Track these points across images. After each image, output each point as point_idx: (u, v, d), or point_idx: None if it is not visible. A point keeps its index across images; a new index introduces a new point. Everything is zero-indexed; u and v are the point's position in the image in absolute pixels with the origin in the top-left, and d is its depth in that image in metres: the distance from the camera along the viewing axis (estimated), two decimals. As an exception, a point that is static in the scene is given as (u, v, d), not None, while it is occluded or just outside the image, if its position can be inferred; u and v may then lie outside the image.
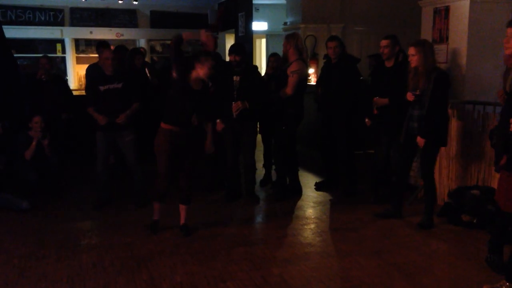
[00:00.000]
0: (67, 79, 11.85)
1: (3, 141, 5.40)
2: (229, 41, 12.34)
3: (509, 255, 3.49)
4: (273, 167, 6.22)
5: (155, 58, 13.70)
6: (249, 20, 10.03)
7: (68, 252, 4.16)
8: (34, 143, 5.54)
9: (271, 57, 6.33)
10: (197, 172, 4.75)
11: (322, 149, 6.06)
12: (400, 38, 5.18)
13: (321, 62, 6.46)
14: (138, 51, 7.26)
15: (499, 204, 3.63)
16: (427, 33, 5.78)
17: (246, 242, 4.44)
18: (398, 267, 3.88)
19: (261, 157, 6.44)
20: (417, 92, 4.53)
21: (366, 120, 5.38)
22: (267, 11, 12.49)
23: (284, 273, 3.78)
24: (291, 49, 5.45)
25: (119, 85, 5.19)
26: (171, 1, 13.19)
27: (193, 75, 4.32)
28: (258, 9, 12.11)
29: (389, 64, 5.18)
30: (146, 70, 7.10)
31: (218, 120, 5.31)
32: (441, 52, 5.54)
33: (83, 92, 7.52)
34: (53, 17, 12.64)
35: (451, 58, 5.51)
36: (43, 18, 12.56)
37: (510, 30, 3.47)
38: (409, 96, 4.60)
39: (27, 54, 12.28)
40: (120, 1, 12.44)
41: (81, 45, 13.20)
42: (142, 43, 13.30)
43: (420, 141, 4.58)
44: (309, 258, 4.08)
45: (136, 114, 5.31)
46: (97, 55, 6.97)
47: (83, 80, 8.53)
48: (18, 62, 8.03)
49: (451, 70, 5.41)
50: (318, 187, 6.12)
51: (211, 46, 5.25)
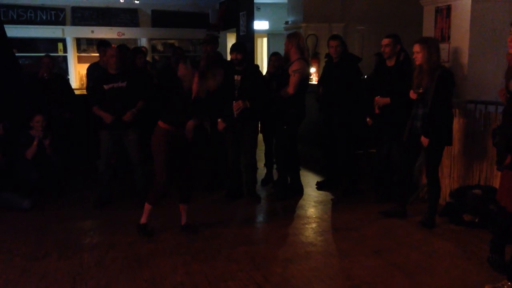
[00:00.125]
0: (68, 78, 11.89)
1: (4, 141, 5.40)
2: (230, 40, 12.34)
3: (510, 254, 3.48)
4: (274, 166, 6.23)
5: (156, 57, 13.70)
6: (250, 19, 10.01)
7: (69, 251, 4.16)
8: (35, 142, 5.54)
9: (272, 56, 6.30)
10: (196, 171, 4.74)
11: (323, 148, 6.06)
12: (401, 37, 5.17)
13: (323, 61, 6.45)
14: (140, 50, 7.26)
15: (501, 204, 3.62)
16: (428, 32, 5.76)
17: (247, 241, 4.44)
18: (399, 266, 3.87)
19: (262, 156, 6.44)
20: (420, 90, 4.51)
21: (368, 119, 5.38)
22: (268, 10, 12.50)
23: (286, 272, 3.78)
24: (292, 48, 5.44)
25: (123, 84, 5.19)
26: (172, 0, 13.20)
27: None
28: (259, 8, 12.12)
29: (390, 63, 5.17)
30: (148, 68, 7.09)
31: (219, 120, 5.31)
32: (443, 51, 5.51)
33: (85, 92, 7.56)
34: (55, 16, 12.66)
35: (453, 57, 5.50)
36: (44, 17, 12.57)
37: None
38: (412, 94, 4.58)
39: (29, 53, 12.30)
40: (121, 0, 12.44)
41: (82, 44, 13.21)
42: (143, 42, 13.31)
43: (424, 140, 4.56)
44: (310, 258, 4.08)
45: (139, 113, 5.31)
46: (98, 55, 7.03)
47: (85, 79, 8.52)
48: (20, 62, 8.03)
49: (452, 69, 5.39)
50: (320, 186, 6.12)
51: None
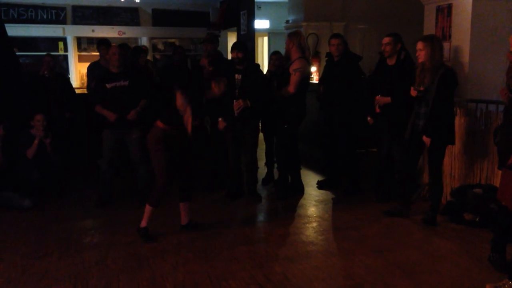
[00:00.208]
0: (69, 77, 11.88)
1: (4, 141, 5.39)
2: (231, 39, 12.32)
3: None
4: (275, 165, 6.22)
5: (157, 56, 13.70)
6: (251, 18, 10.00)
7: (70, 251, 4.17)
8: (36, 141, 5.54)
9: (273, 55, 6.29)
10: (196, 171, 4.72)
11: (324, 147, 6.06)
12: (402, 36, 5.16)
13: (323, 60, 6.45)
14: (141, 50, 7.25)
15: (503, 203, 3.62)
16: (429, 31, 5.75)
17: (248, 240, 4.44)
18: (400, 265, 3.87)
19: (263, 155, 6.43)
20: (421, 88, 4.50)
21: (368, 118, 5.37)
22: (269, 9, 12.47)
23: (287, 271, 3.78)
24: (293, 47, 5.44)
25: (126, 83, 5.18)
26: (173, -1, 13.20)
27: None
28: (260, 7, 12.10)
29: (391, 62, 5.16)
30: (149, 66, 7.08)
31: (220, 119, 5.30)
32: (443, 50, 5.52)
33: (85, 91, 7.55)
34: (55, 15, 12.64)
35: (454, 56, 5.49)
36: (45, 16, 12.56)
37: None
38: (412, 91, 4.58)
39: (29, 52, 12.29)
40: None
41: (83, 43, 13.20)
42: (144, 41, 13.30)
43: (426, 140, 4.56)
44: (311, 257, 4.08)
45: (142, 112, 5.30)
46: (99, 54, 7.02)
47: (85, 78, 8.52)
48: (21, 61, 8.02)
49: (453, 68, 5.39)
50: (320, 185, 6.11)
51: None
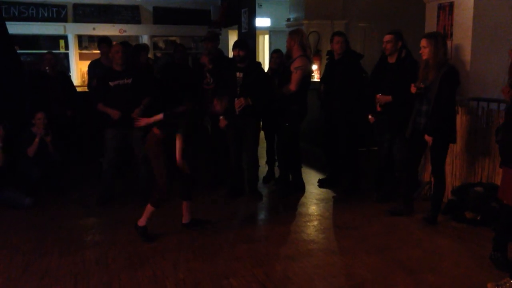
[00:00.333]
0: (70, 75, 11.87)
1: (5, 140, 5.37)
2: (232, 37, 12.32)
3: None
4: (276, 163, 6.22)
5: (158, 54, 13.68)
6: (252, 16, 9.99)
7: (71, 249, 4.17)
8: (36, 139, 5.53)
9: (274, 53, 6.31)
10: (197, 169, 4.71)
11: (325, 146, 6.05)
12: (403, 34, 5.15)
13: (324, 58, 6.44)
14: (143, 48, 7.23)
15: (504, 202, 3.61)
16: (431, 29, 5.73)
17: (249, 239, 4.44)
18: (401, 264, 3.87)
19: (264, 153, 6.43)
20: (421, 86, 4.49)
21: (370, 117, 5.36)
22: (270, 7, 12.46)
23: (287, 270, 3.78)
24: (295, 45, 5.43)
25: (129, 81, 5.18)
26: (173, -3, 13.18)
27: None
28: (261, 5, 12.08)
29: (391, 60, 5.16)
30: (150, 63, 7.07)
31: (221, 117, 5.30)
32: (445, 49, 5.51)
33: (86, 89, 7.54)
34: (56, 13, 12.63)
35: (455, 55, 5.48)
36: (46, 14, 12.55)
37: None
38: (412, 88, 4.57)
39: (30, 50, 12.29)
40: (122, -3, 12.44)
41: (84, 42, 13.18)
42: (145, 39, 13.27)
43: (428, 139, 4.55)
44: (312, 255, 4.08)
45: (146, 110, 5.28)
46: (100, 52, 7.01)
47: (86, 76, 8.51)
48: (22, 59, 8.01)
49: (456, 67, 5.38)
50: (321, 184, 6.11)
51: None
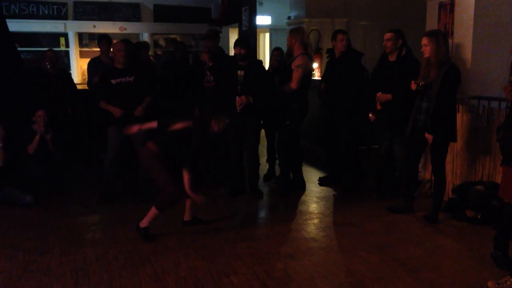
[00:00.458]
0: (70, 73, 11.87)
1: (6, 139, 5.37)
2: (233, 35, 12.31)
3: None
4: (277, 162, 6.22)
5: (158, 52, 13.68)
6: (252, 14, 10.01)
7: (72, 247, 4.17)
8: (37, 137, 5.53)
9: (274, 51, 6.32)
10: (200, 166, 4.68)
11: (326, 144, 6.05)
12: (404, 33, 5.15)
13: (325, 56, 6.43)
14: (144, 45, 7.23)
15: (505, 200, 3.61)
16: (432, 27, 5.72)
17: (249, 237, 4.44)
18: (402, 262, 3.88)
19: (265, 152, 6.43)
20: (422, 83, 4.49)
21: (370, 115, 5.36)
22: (270, 5, 12.43)
23: (288, 268, 3.78)
24: (296, 43, 5.42)
25: (131, 79, 5.17)
26: (174, -5, 13.18)
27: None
28: (262, 3, 12.05)
29: (391, 58, 5.15)
30: (152, 59, 7.07)
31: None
32: (446, 47, 5.51)
33: (86, 87, 7.53)
34: (57, 10, 12.64)
35: (456, 53, 5.47)
36: (46, 12, 12.55)
37: None
38: (413, 85, 4.56)
39: (31, 48, 12.29)
40: (123, -5, 12.44)
41: (84, 39, 13.19)
42: (145, 37, 13.28)
43: (428, 137, 4.55)
44: (312, 253, 4.08)
45: (147, 108, 5.28)
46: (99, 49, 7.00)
47: (86, 74, 8.52)
48: (22, 56, 8.01)
49: (457, 65, 5.38)
50: (322, 182, 6.11)
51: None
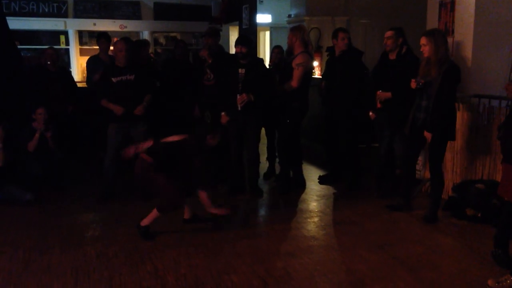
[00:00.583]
0: (70, 71, 11.87)
1: (6, 140, 5.36)
2: (233, 33, 12.30)
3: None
4: (277, 160, 6.22)
5: (158, 50, 13.67)
6: (253, 12, 9.99)
7: (72, 245, 4.17)
8: (37, 135, 5.53)
9: (275, 49, 6.33)
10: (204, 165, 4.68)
11: (326, 142, 6.05)
12: (405, 31, 5.14)
13: (325, 55, 6.42)
14: (144, 43, 7.21)
15: (505, 199, 3.62)
16: (432, 26, 5.72)
17: (249, 235, 4.45)
18: (402, 261, 3.88)
19: (265, 150, 6.43)
20: (422, 81, 4.49)
21: (370, 113, 5.36)
22: (271, 4, 12.43)
23: (288, 266, 3.79)
24: (297, 41, 5.42)
25: (132, 77, 5.17)
26: (174, -7, 13.16)
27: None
28: (262, 1, 12.05)
29: (392, 56, 5.15)
30: (153, 56, 7.06)
31: (223, 113, 5.30)
32: (446, 46, 5.50)
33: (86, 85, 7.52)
34: (57, 8, 12.62)
35: (457, 51, 5.47)
36: (46, 10, 12.54)
37: None
38: (413, 83, 4.57)
39: (31, 45, 12.28)
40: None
41: (84, 37, 13.18)
42: (145, 35, 13.28)
43: (427, 135, 4.55)
44: (312, 252, 4.09)
45: (148, 106, 5.27)
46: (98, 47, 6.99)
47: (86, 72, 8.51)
48: (22, 54, 8.00)
49: (458, 64, 5.38)
50: (322, 180, 6.11)
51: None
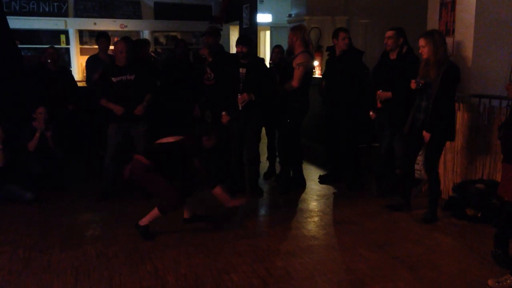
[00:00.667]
0: (71, 70, 11.87)
1: (6, 140, 5.36)
2: (233, 33, 12.30)
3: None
4: (277, 160, 6.22)
5: (158, 50, 13.66)
6: (253, 12, 9.98)
7: (72, 244, 4.18)
8: (37, 134, 5.53)
9: (275, 48, 6.34)
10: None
11: (326, 142, 6.05)
12: (405, 31, 5.14)
13: (325, 54, 6.43)
14: (144, 42, 7.21)
15: (505, 199, 3.62)
16: (433, 26, 5.73)
17: (249, 234, 4.45)
18: (402, 260, 3.88)
19: (265, 149, 6.43)
20: (421, 82, 4.49)
21: (371, 113, 5.36)
22: (271, 3, 12.42)
23: (288, 265, 3.79)
24: (297, 41, 5.42)
25: (132, 77, 5.17)
26: (175, -7, 13.15)
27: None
28: (262, 1, 12.04)
29: (392, 56, 5.16)
30: (153, 54, 7.06)
31: (223, 113, 5.30)
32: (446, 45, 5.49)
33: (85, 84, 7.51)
34: (57, 8, 12.61)
35: (457, 51, 5.47)
36: (47, 9, 12.53)
37: None
38: (412, 84, 4.57)
39: (31, 45, 12.28)
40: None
41: (85, 36, 13.17)
42: (146, 34, 13.26)
43: (425, 135, 4.56)
44: (312, 251, 4.09)
45: (148, 106, 5.26)
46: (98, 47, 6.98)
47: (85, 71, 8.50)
48: (22, 53, 8.00)
49: (457, 63, 5.37)
50: (322, 180, 6.11)
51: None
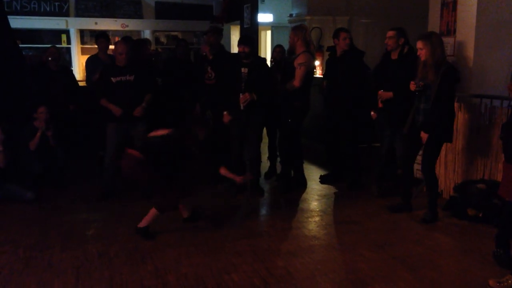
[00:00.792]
0: (72, 70, 11.87)
1: (6, 140, 5.37)
2: (234, 33, 12.29)
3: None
4: (278, 159, 6.22)
5: (159, 49, 13.66)
6: (254, 11, 9.99)
7: (73, 243, 4.18)
8: (38, 133, 5.53)
9: (277, 48, 6.35)
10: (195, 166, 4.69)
11: (327, 142, 6.05)
12: (407, 31, 5.14)
13: (326, 54, 6.43)
14: (145, 42, 7.21)
15: (506, 199, 3.61)
16: (434, 25, 5.73)
17: (250, 234, 4.45)
18: (402, 260, 3.88)
19: (266, 149, 6.43)
20: (421, 84, 4.50)
21: (372, 113, 5.36)
22: (272, 3, 12.40)
23: (289, 265, 3.79)
24: (299, 41, 5.42)
25: (131, 77, 5.17)
26: (176, -8, 13.15)
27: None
28: (263, 1, 12.04)
29: (394, 56, 5.16)
30: (155, 53, 7.06)
31: (225, 112, 5.30)
32: (448, 45, 5.49)
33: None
34: (58, 7, 12.61)
35: (458, 51, 5.46)
36: (48, 9, 12.53)
37: None
38: (412, 86, 4.57)
39: (32, 44, 12.28)
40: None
41: (86, 36, 13.17)
42: (147, 34, 13.26)
43: (423, 136, 4.56)
44: (313, 251, 4.09)
45: (147, 107, 5.27)
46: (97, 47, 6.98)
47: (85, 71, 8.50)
48: (23, 53, 8.00)
49: (458, 63, 5.37)
50: (323, 180, 6.11)
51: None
